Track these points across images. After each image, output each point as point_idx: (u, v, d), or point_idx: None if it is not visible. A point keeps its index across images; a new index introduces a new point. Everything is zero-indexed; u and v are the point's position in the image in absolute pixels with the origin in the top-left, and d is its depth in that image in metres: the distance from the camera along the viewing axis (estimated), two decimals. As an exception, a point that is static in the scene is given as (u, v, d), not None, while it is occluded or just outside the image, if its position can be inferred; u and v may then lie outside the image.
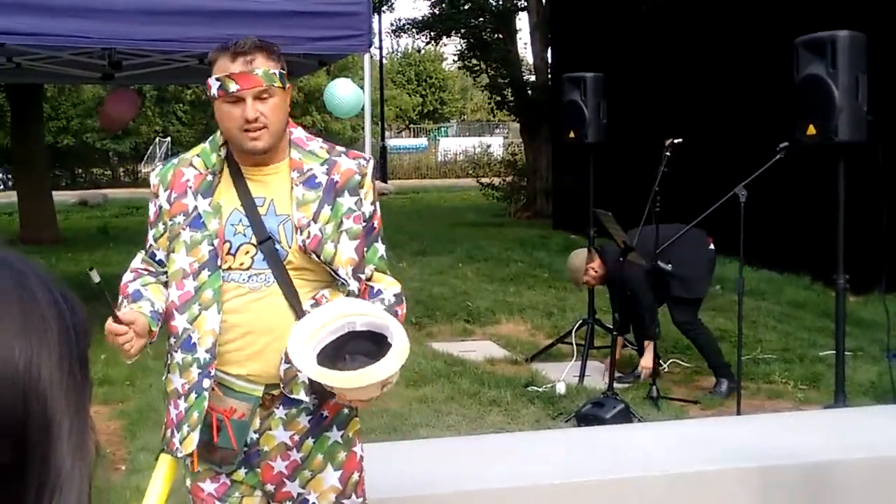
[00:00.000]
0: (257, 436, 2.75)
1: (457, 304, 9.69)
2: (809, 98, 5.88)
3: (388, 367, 2.44)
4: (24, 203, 16.81)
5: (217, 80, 2.63)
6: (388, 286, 2.81)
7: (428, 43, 25.50)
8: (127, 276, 2.83)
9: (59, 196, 20.80)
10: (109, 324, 2.59)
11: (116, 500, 5.08)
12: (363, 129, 7.84)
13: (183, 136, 38.04)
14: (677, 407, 6.66)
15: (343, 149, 2.85)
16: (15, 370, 0.68)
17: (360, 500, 2.86)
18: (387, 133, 36.80)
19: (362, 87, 7.68)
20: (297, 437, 2.75)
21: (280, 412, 2.74)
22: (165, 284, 2.79)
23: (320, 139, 2.85)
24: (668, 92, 13.81)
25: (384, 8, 24.84)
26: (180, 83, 27.56)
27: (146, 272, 2.82)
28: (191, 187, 2.73)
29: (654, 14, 14.57)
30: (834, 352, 6.19)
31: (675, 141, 6.75)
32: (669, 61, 13.88)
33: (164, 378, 2.83)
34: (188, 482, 2.87)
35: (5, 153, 26.15)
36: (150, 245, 2.81)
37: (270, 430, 2.75)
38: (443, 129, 51.02)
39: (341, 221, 2.70)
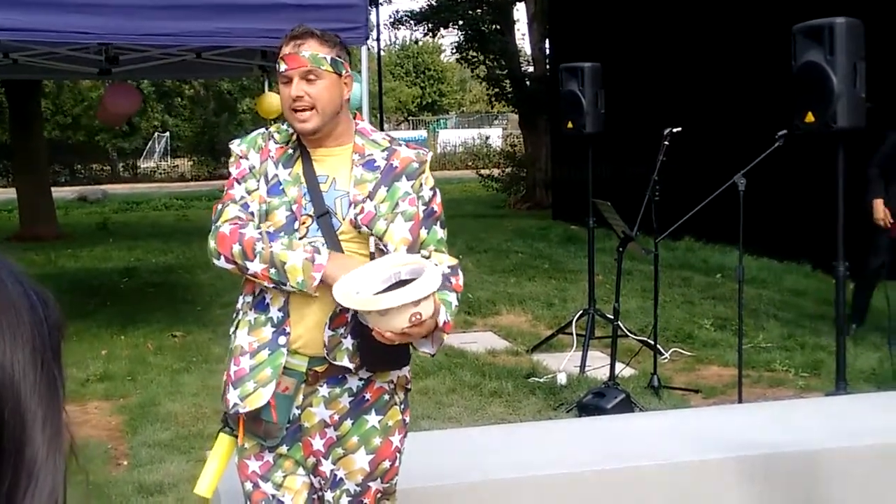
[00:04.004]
0: (299, 412, 2.86)
1: (457, 296, 9.67)
2: (807, 85, 5.86)
3: (411, 292, 2.57)
4: (23, 199, 16.81)
5: (277, 63, 2.88)
6: (444, 260, 2.93)
7: (426, 34, 25.47)
8: (230, 227, 2.82)
9: (59, 192, 20.81)
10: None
11: (118, 496, 5.08)
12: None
13: (182, 131, 37.96)
14: (678, 396, 6.66)
15: (403, 140, 3.05)
16: None
17: (387, 486, 2.95)
18: (386, 125, 36.79)
19: (360, 80, 7.67)
20: (336, 417, 2.86)
21: (323, 390, 2.86)
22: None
23: (383, 132, 3.07)
24: (666, 81, 13.79)
25: (381, 0, 24.79)
26: (178, 78, 27.52)
27: (247, 221, 2.85)
28: (272, 157, 2.91)
29: (651, 3, 14.55)
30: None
31: (674, 130, 6.75)
32: (667, 50, 13.86)
33: (231, 335, 2.95)
34: (236, 458, 2.96)
35: (4, 150, 26.11)
36: (243, 197, 2.89)
37: (312, 406, 2.86)
38: (442, 120, 50.93)
39: (397, 203, 2.86)
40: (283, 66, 2.83)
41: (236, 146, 2.97)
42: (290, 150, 2.91)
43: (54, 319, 0.74)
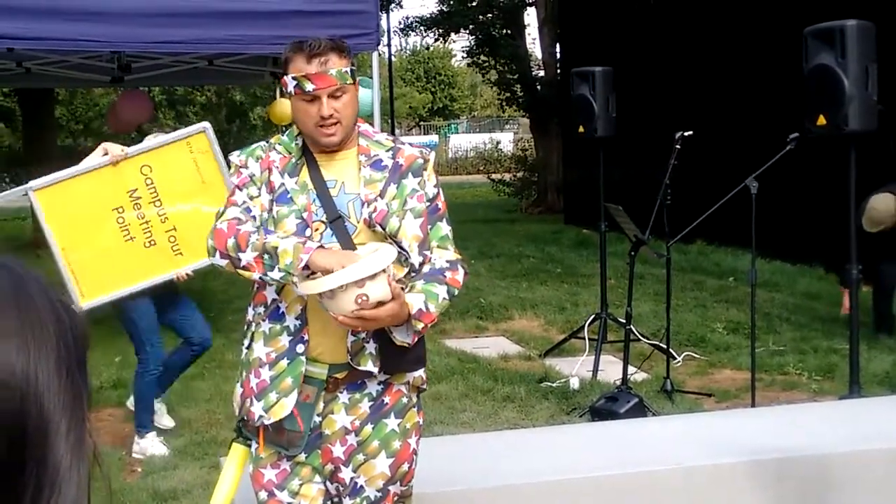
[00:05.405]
0: (320, 419, 2.87)
1: (469, 301, 9.68)
2: (819, 88, 5.86)
3: (347, 273, 2.60)
4: (36, 207, 16.87)
5: (294, 79, 2.83)
6: (444, 255, 2.94)
7: (436, 40, 25.47)
8: (228, 223, 2.83)
9: (72, 199, 20.83)
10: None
11: (133, 503, 5.09)
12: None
13: (194, 138, 37.96)
14: (691, 400, 6.64)
15: (406, 140, 3.10)
16: (12, 372, 0.69)
17: (404, 488, 2.98)
18: (397, 131, 36.82)
19: (371, 86, 7.68)
20: (357, 423, 2.88)
21: (344, 397, 2.87)
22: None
23: (386, 133, 3.12)
24: (677, 84, 13.78)
25: (392, 6, 24.81)
26: (190, 85, 27.59)
27: (247, 221, 2.85)
28: (277, 167, 2.93)
29: (662, 7, 14.54)
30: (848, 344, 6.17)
31: (686, 133, 6.74)
32: (678, 54, 13.84)
33: (244, 348, 2.94)
34: (250, 467, 2.96)
35: (18, 157, 26.20)
36: (245, 202, 2.90)
37: (333, 413, 2.87)
38: (453, 125, 50.94)
39: (406, 200, 2.89)
40: (309, 86, 2.80)
41: (235, 157, 3.00)
42: (294, 159, 2.93)
43: (79, 330, 0.75)
